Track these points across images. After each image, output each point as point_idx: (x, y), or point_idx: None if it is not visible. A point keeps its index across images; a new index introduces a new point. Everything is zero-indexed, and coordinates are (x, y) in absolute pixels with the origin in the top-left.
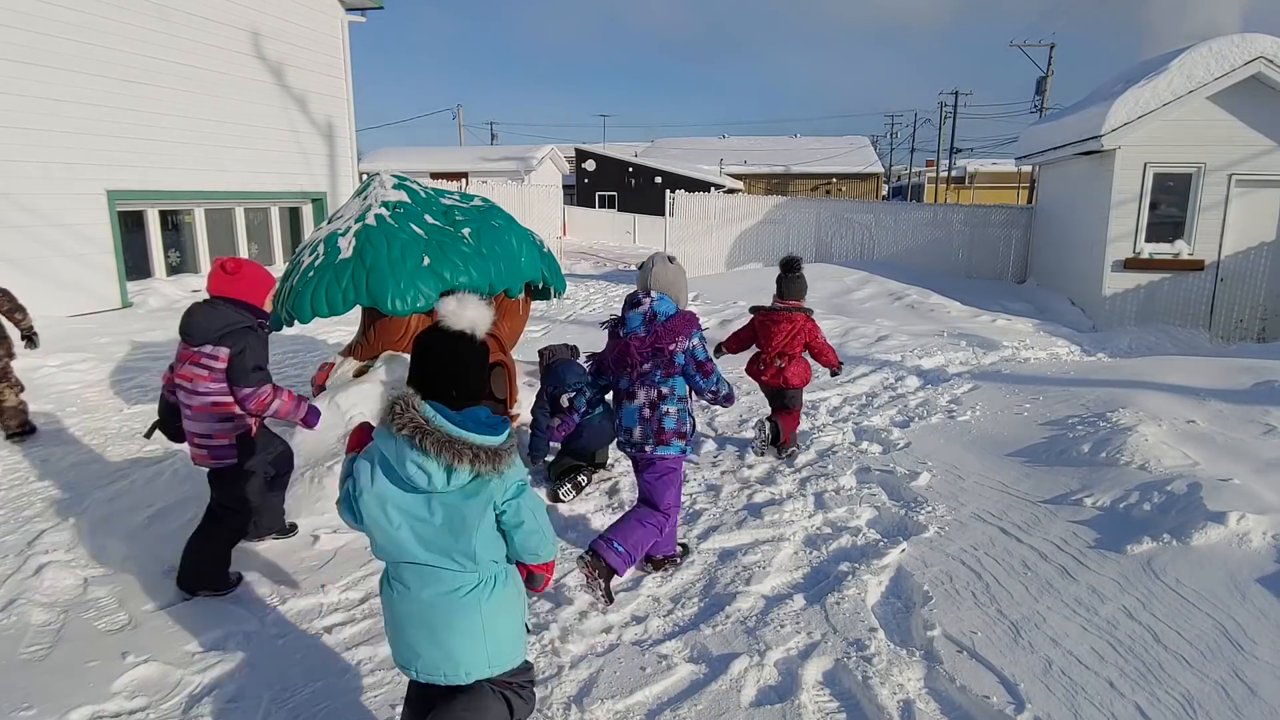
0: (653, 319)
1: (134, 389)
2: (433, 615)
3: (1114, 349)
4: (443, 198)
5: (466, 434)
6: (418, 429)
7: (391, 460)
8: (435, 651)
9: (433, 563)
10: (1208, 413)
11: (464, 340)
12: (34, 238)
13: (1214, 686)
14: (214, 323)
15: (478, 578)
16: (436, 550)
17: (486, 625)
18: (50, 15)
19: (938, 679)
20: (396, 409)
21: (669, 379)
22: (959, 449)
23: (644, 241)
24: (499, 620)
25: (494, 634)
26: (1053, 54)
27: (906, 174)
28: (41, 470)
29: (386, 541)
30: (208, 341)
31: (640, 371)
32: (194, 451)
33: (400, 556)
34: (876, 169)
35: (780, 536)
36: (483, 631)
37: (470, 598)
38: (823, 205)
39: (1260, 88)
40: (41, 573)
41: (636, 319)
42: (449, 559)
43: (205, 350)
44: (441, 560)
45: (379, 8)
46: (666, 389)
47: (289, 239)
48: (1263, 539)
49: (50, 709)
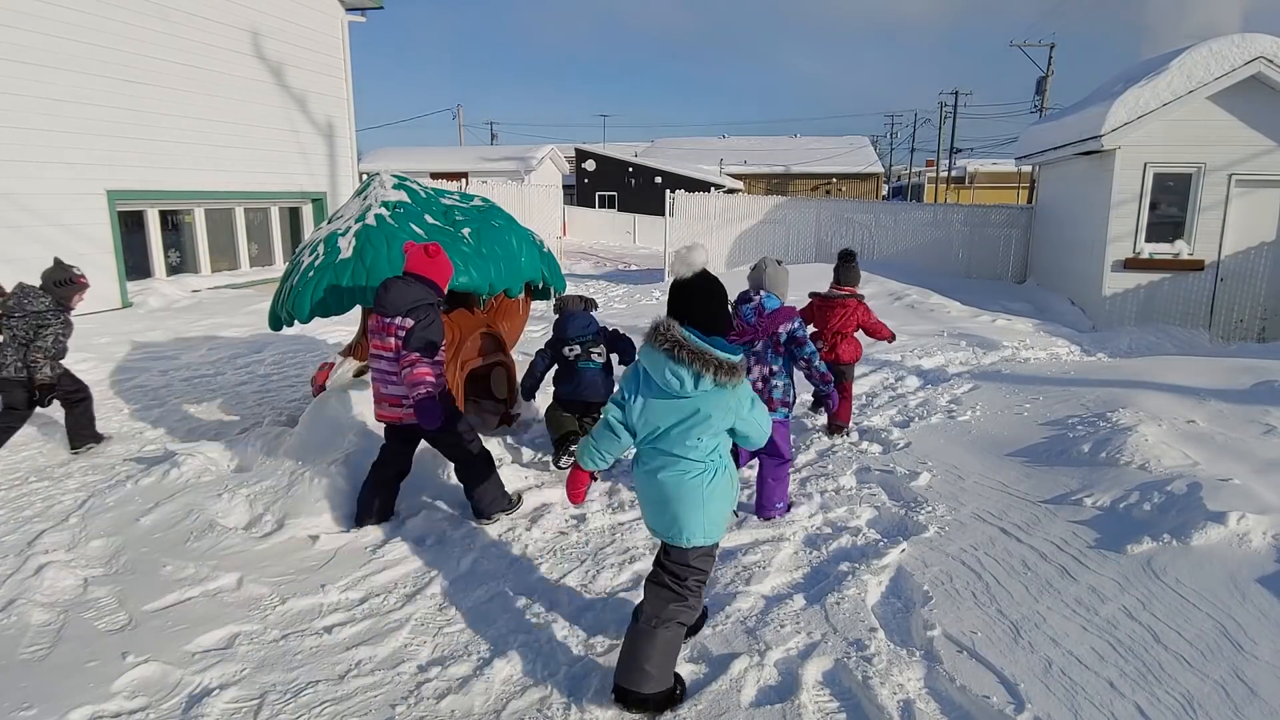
0: (761, 311)
1: (134, 389)
2: (667, 491)
3: (1114, 349)
4: (443, 198)
5: (712, 349)
6: (675, 343)
7: (651, 370)
8: (666, 518)
9: (674, 451)
10: (1208, 413)
11: (707, 277)
12: (34, 237)
13: (1214, 686)
14: (406, 297)
15: (704, 466)
16: (677, 442)
17: (705, 503)
18: (50, 15)
19: (938, 679)
20: (659, 329)
21: (777, 357)
22: (959, 449)
23: (644, 242)
24: (714, 501)
25: (710, 511)
26: (1053, 54)
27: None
28: (41, 470)
29: (643, 431)
30: (399, 314)
31: (754, 351)
32: (400, 413)
33: (650, 444)
34: (876, 169)
35: (780, 536)
36: (702, 506)
37: (696, 480)
38: (823, 205)
39: (1260, 88)
40: (41, 573)
41: (749, 311)
42: (685, 449)
43: (397, 321)
44: (680, 449)
45: (379, 8)
46: (776, 366)
47: (289, 239)
48: (1263, 539)
49: (50, 709)
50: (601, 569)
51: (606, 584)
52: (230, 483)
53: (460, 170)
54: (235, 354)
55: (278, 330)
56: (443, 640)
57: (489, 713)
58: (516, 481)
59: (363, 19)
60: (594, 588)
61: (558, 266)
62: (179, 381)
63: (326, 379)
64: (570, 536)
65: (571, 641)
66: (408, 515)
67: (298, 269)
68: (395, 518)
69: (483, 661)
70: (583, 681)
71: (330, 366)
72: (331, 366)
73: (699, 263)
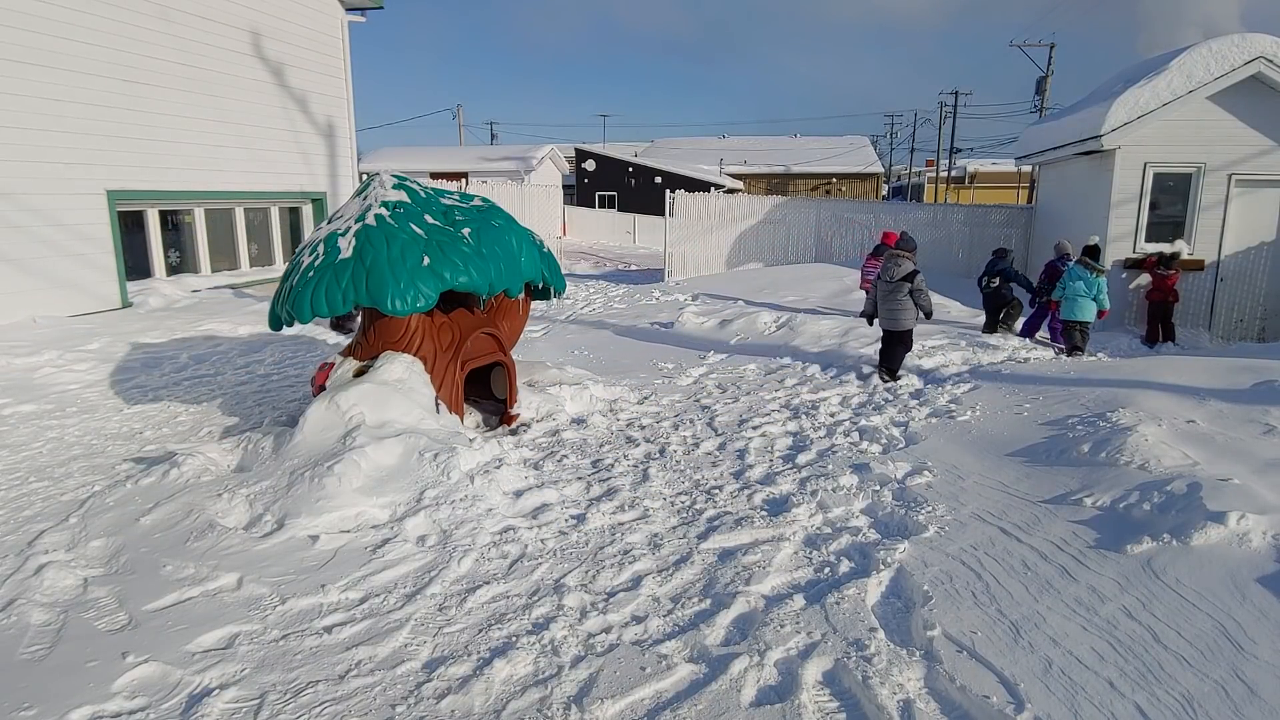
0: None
1: (134, 389)
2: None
3: (1114, 349)
4: (443, 198)
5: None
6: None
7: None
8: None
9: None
10: (1208, 413)
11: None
12: (34, 238)
13: (1214, 686)
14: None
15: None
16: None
17: None
18: (50, 15)
19: (938, 679)
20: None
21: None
22: (959, 449)
23: (644, 242)
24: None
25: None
26: (1053, 54)
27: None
28: (41, 470)
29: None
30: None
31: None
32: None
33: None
34: (876, 169)
35: (780, 536)
36: None
37: None
38: (823, 205)
39: (1260, 88)
40: (41, 573)
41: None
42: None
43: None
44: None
45: (379, 8)
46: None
47: (289, 239)
48: (1263, 539)
49: (50, 709)
50: (601, 569)
51: (606, 584)
52: (230, 483)
53: (460, 170)
54: (235, 354)
55: (278, 330)
56: (443, 640)
57: (489, 713)
58: (516, 481)
59: (363, 19)
60: (594, 588)
61: (558, 266)
62: (179, 381)
63: (326, 379)
64: (570, 536)
65: (571, 641)
66: (407, 514)
67: (298, 269)
68: (394, 516)
69: (483, 661)
70: (583, 681)
71: (330, 366)
72: (331, 366)
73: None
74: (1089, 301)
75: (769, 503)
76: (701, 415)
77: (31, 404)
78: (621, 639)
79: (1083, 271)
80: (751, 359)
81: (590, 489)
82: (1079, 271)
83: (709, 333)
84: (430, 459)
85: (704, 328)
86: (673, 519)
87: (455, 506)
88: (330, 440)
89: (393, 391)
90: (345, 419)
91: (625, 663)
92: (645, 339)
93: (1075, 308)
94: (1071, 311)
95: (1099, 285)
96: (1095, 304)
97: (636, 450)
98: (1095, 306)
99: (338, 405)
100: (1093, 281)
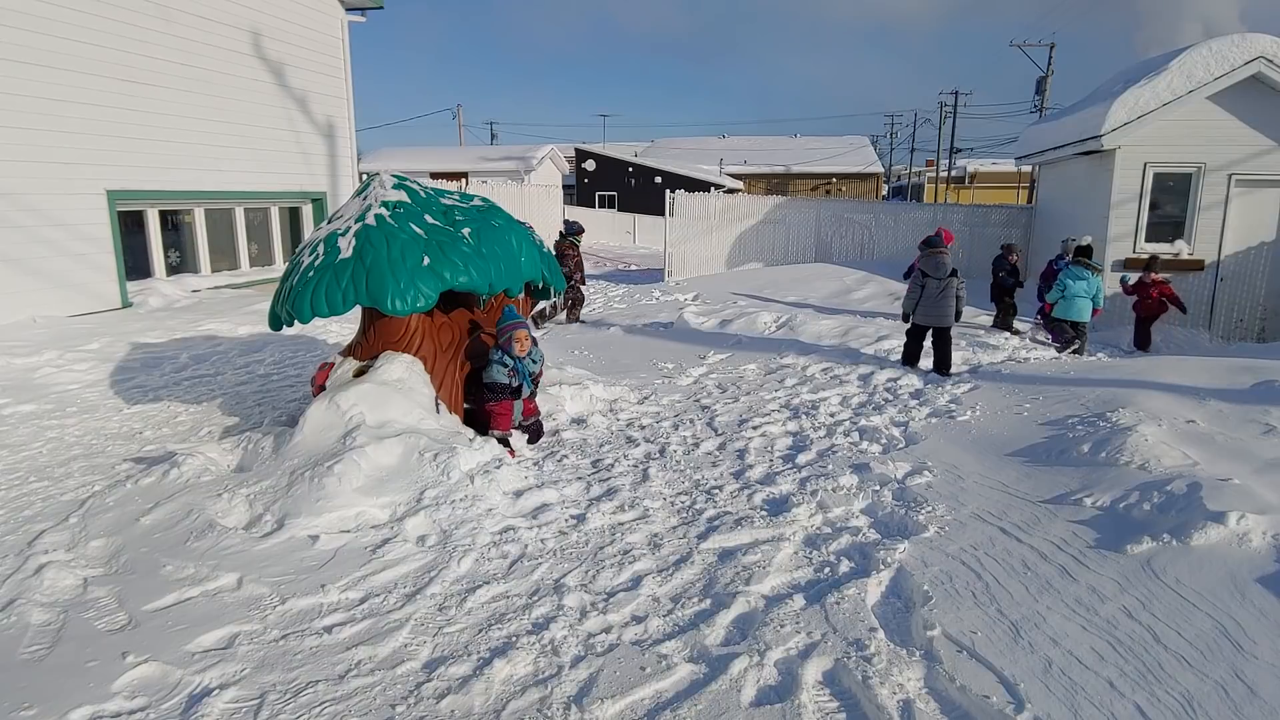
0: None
1: (134, 389)
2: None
3: (1114, 349)
4: (443, 198)
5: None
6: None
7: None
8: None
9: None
10: (1208, 413)
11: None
12: (34, 238)
13: (1214, 686)
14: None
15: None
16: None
17: None
18: (50, 15)
19: (938, 679)
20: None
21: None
22: (959, 449)
23: (644, 241)
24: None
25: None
26: (1053, 54)
27: (906, 174)
28: (41, 470)
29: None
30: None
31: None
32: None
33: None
34: (876, 169)
35: (780, 536)
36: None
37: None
38: (823, 205)
39: (1260, 87)
40: (41, 573)
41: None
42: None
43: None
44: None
45: (379, 8)
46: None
47: (289, 239)
48: (1263, 539)
49: (50, 709)
50: (601, 569)
51: (606, 584)
52: (230, 483)
53: (460, 170)
54: (235, 354)
55: (278, 330)
56: (443, 640)
57: (489, 713)
58: (516, 481)
59: (363, 19)
60: (594, 587)
61: (558, 266)
62: (179, 381)
63: (326, 379)
64: (570, 536)
65: (571, 641)
66: (407, 514)
67: (298, 269)
68: (394, 516)
69: (483, 661)
70: (583, 681)
71: (330, 366)
72: (331, 366)
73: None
74: (1088, 302)
75: (769, 503)
76: (701, 415)
77: (31, 404)
78: (621, 639)
79: (1083, 272)
80: (751, 359)
81: (590, 489)
82: (1079, 272)
83: (709, 332)
84: (430, 459)
85: (704, 327)
86: (673, 519)
87: (455, 506)
88: (330, 440)
89: (393, 391)
90: (345, 419)
91: (625, 663)
92: (645, 339)
93: (1076, 308)
94: (1071, 312)
95: (1097, 285)
96: (1093, 303)
97: (636, 450)
98: (1091, 306)
99: (338, 405)
100: (1094, 282)
